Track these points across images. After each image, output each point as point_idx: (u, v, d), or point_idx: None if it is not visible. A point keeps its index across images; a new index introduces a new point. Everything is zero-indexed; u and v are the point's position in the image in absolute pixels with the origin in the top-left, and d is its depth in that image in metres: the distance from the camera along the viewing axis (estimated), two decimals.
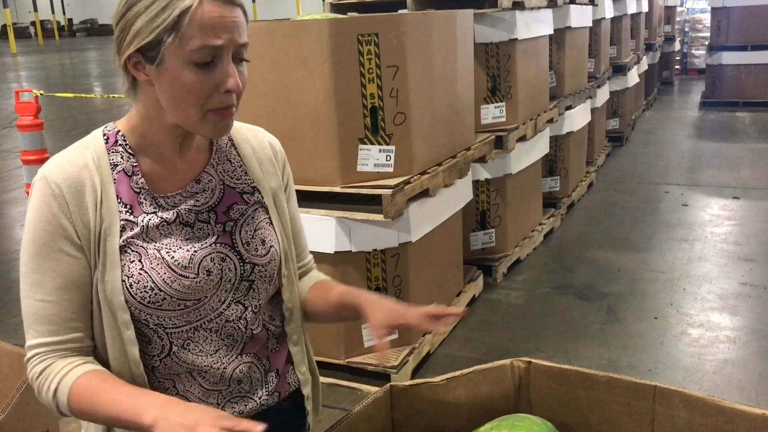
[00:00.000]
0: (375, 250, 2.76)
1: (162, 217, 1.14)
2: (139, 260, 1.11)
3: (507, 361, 1.51)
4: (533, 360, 1.50)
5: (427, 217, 2.90)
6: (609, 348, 3.11)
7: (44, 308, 1.09)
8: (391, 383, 1.39)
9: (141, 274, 1.11)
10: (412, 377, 2.87)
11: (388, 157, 2.66)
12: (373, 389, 2.81)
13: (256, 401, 1.23)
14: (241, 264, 1.17)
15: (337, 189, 2.63)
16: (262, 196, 1.25)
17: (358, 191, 2.61)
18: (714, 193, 5.30)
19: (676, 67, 11.90)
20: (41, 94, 3.01)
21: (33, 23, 35.61)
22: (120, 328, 1.12)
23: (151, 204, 1.14)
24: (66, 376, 1.09)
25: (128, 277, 1.10)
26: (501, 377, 1.50)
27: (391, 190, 2.55)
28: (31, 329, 1.11)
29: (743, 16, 8.63)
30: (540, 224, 4.45)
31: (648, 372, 2.87)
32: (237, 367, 1.20)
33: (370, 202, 2.65)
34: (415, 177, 2.73)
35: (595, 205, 5.23)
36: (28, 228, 1.10)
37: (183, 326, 1.15)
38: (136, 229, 1.12)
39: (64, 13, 39.48)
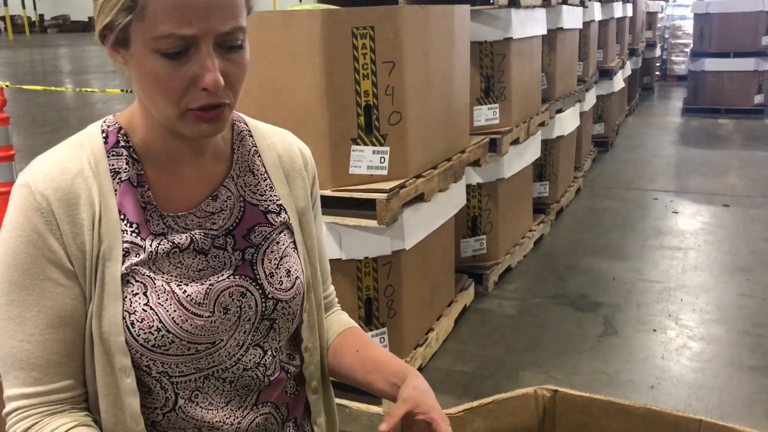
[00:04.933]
0: (367, 258, 2.58)
1: (173, 242, 0.93)
2: (144, 293, 0.90)
3: (530, 390, 1.36)
4: (559, 388, 1.34)
5: (421, 223, 2.73)
6: (608, 362, 2.96)
7: (26, 351, 0.88)
8: None
9: (145, 311, 0.90)
10: None
11: (382, 159, 2.49)
12: (363, 406, 2.66)
13: None
14: (263, 300, 0.97)
15: (328, 192, 2.45)
16: (289, 217, 1.03)
17: (350, 195, 2.44)
18: (703, 201, 5.21)
19: (656, 73, 11.89)
20: (6, 86, 2.80)
21: (2, 18, 34.88)
22: (117, 374, 0.91)
23: (158, 224, 0.93)
24: None
25: (129, 314, 0.89)
26: (523, 407, 1.34)
27: (386, 194, 2.38)
28: (10, 376, 0.89)
29: (726, 23, 8.61)
30: (530, 231, 4.31)
31: (651, 389, 2.74)
32: (253, 420, 1.00)
33: (362, 207, 2.47)
34: (410, 181, 2.56)
35: (584, 211, 5.11)
36: (5, 248, 0.88)
37: (191, 374, 0.94)
38: (143, 255, 0.91)
39: (35, 9, 38.73)
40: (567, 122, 4.86)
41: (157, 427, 0.96)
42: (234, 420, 0.98)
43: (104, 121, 0.96)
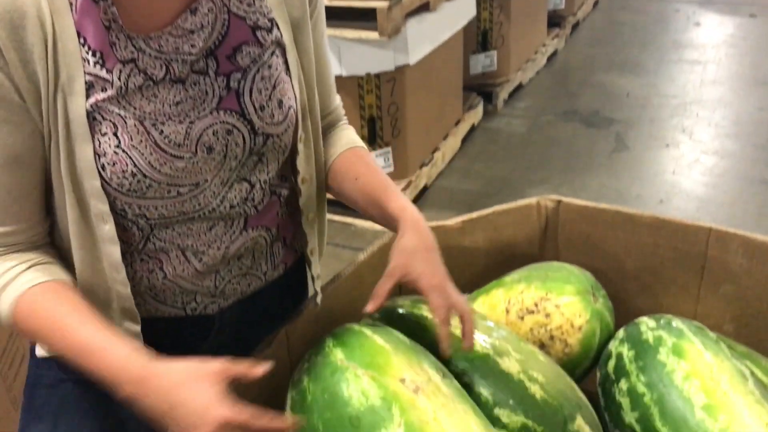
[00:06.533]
0: (368, 74, 2.46)
1: (146, 73, 0.79)
2: (115, 134, 0.78)
3: (533, 200, 1.30)
4: (563, 198, 1.29)
5: (426, 36, 2.58)
6: (617, 178, 2.92)
7: None
8: None
9: (117, 154, 0.78)
10: None
11: None
12: (368, 224, 2.67)
13: (260, 278, 0.98)
14: (252, 136, 0.85)
15: (325, 2, 2.28)
16: (281, 33, 0.87)
17: (348, 4, 2.27)
18: (728, 11, 4.91)
19: None
20: None
21: None
22: (93, 221, 0.81)
23: (126, 47, 0.78)
24: (15, 280, 0.79)
25: (99, 156, 0.78)
26: (525, 218, 1.30)
27: (387, 2, 2.22)
28: None
29: None
30: (543, 45, 4.11)
31: (659, 203, 2.71)
32: (242, 244, 0.92)
33: (362, 18, 2.32)
34: None
35: (601, 24, 4.85)
36: None
37: (173, 217, 0.86)
38: (110, 91, 0.77)
39: None
40: None
41: (134, 257, 0.89)
42: (221, 244, 0.91)
43: None
